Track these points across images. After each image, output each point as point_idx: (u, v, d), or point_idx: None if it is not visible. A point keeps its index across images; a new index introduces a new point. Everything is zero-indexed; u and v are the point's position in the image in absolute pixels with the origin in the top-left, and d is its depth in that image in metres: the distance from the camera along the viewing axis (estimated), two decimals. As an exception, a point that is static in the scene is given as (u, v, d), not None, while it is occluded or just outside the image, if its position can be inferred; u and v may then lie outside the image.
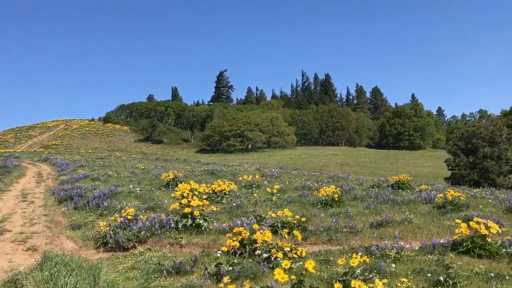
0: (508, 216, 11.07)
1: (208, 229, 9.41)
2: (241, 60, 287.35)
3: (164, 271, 6.56)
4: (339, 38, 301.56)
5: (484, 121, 35.52)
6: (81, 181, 17.74)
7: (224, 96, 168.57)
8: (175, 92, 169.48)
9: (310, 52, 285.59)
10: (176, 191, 10.58)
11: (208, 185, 13.93)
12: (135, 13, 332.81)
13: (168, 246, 8.54)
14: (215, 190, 14.03)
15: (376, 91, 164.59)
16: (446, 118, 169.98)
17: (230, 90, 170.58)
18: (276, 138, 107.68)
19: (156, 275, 6.51)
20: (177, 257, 7.24)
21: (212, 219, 10.55)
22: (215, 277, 6.20)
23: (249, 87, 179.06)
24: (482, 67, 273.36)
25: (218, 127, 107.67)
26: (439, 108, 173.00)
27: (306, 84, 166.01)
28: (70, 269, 5.64)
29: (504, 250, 7.44)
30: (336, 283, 4.85)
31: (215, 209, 10.72)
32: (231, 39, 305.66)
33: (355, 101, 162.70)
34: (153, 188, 16.03)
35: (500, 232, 8.41)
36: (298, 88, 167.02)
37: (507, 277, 6.06)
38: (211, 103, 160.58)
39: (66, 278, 5.27)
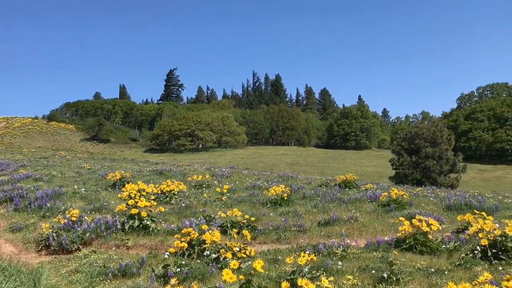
0: (447, 214, 11.59)
1: (156, 230, 9.26)
2: (192, 58, 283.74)
3: (110, 274, 6.38)
4: (289, 38, 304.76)
5: (426, 122, 37.07)
6: (23, 182, 16.95)
7: (174, 95, 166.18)
8: (122, 90, 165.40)
9: (261, 53, 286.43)
10: (123, 191, 10.34)
11: (156, 186, 13.71)
12: (80, 5, 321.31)
13: (114, 248, 8.32)
14: (164, 191, 13.83)
15: (324, 92, 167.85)
16: (390, 119, 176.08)
17: (180, 89, 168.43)
18: (227, 137, 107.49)
19: (101, 278, 6.33)
20: (123, 259, 7.07)
21: (160, 220, 10.39)
22: (162, 279, 6.10)
23: (199, 86, 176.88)
24: (425, 69, 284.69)
25: (167, 126, 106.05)
26: (384, 109, 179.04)
27: (257, 84, 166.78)
28: (8, 274, 5.38)
29: (444, 246, 7.78)
30: (283, 282, 4.90)
31: (163, 210, 10.55)
32: (182, 36, 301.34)
33: (304, 102, 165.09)
34: (99, 189, 15.57)
35: (440, 229, 8.81)
36: (249, 88, 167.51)
37: (446, 272, 6.34)
38: (161, 101, 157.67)
39: (3, 284, 5.02)
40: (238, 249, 7.13)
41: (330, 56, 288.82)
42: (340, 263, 6.70)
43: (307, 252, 6.71)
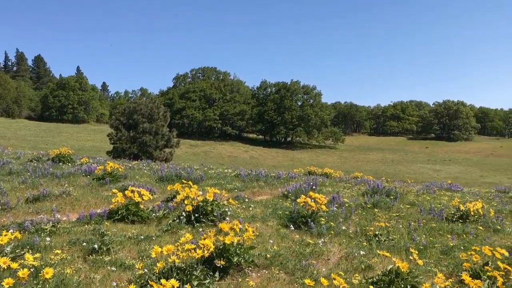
0: (160, 185, 12.38)
1: None
2: None
3: None
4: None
5: (144, 98, 38.07)
6: None
7: None
8: None
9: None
10: None
11: None
12: None
13: None
14: None
15: (39, 60, 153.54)
16: (110, 94, 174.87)
17: None
18: None
19: None
20: None
21: None
22: None
23: None
24: (144, 47, 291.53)
25: None
26: (104, 83, 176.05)
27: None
28: None
29: (154, 214, 8.34)
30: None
31: None
32: None
33: (14, 68, 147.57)
34: None
35: (152, 198, 9.39)
36: None
37: (154, 238, 6.84)
38: None
39: None
40: None
41: (45, 18, 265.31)
42: (48, 239, 6.45)
43: (11, 230, 6.18)
